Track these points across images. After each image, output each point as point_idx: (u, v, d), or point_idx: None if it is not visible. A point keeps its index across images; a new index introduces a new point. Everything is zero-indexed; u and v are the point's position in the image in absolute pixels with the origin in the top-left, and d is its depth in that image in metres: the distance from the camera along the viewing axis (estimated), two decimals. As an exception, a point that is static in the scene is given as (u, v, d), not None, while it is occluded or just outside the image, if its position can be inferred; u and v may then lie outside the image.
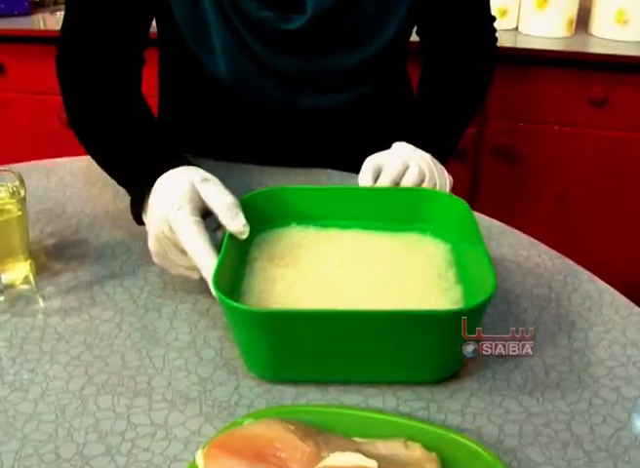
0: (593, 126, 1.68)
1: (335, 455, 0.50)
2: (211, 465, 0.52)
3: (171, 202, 0.70)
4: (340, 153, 1.05)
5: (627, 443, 0.58)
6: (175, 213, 0.68)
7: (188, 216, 0.68)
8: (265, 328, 0.59)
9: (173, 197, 0.70)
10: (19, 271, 0.78)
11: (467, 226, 0.71)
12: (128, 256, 0.84)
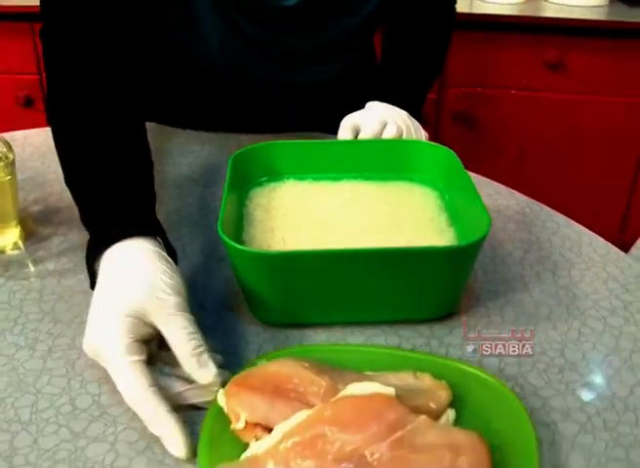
0: (548, 89, 1.73)
1: (352, 386, 0.53)
2: (233, 402, 0.53)
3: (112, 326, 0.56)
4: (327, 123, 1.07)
5: (617, 365, 0.62)
6: (110, 345, 0.55)
7: (125, 356, 0.54)
8: (271, 270, 0.61)
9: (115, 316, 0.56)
10: (9, 237, 0.78)
11: (455, 173, 0.73)
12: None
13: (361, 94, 1.04)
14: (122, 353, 0.54)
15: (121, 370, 0.53)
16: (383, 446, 0.49)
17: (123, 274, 0.59)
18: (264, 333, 0.66)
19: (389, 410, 0.50)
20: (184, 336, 0.55)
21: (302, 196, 0.76)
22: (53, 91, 0.74)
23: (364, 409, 0.50)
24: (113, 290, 0.58)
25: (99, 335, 0.56)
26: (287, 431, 0.50)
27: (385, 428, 0.49)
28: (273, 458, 0.49)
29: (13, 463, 0.53)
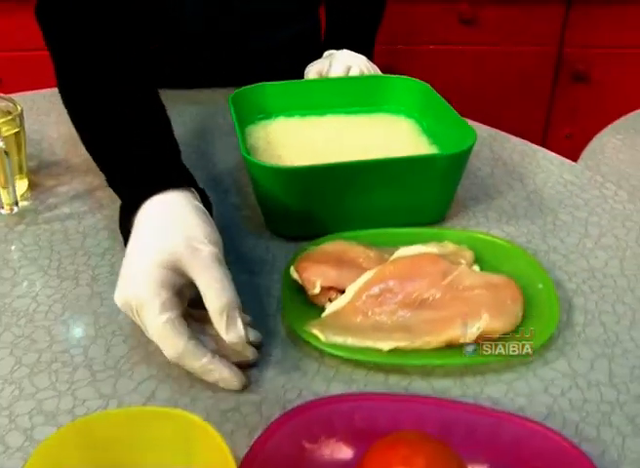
0: (464, 42, 1.87)
1: (401, 250, 0.63)
2: (306, 274, 0.63)
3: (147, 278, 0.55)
4: None
5: (590, 245, 0.74)
6: (145, 298, 0.54)
7: (161, 312, 0.53)
8: (291, 183, 0.69)
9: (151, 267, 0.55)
10: (19, 188, 0.82)
11: (431, 101, 0.83)
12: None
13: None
14: (159, 310, 0.53)
15: (159, 328, 0.53)
16: (438, 289, 0.59)
17: (157, 226, 0.58)
18: (288, 245, 0.73)
19: (437, 263, 0.61)
20: (218, 291, 0.54)
21: (295, 130, 0.84)
22: (61, 64, 0.77)
23: (417, 264, 0.62)
24: (147, 241, 0.57)
25: (133, 290, 0.55)
26: (358, 289, 0.59)
27: (437, 276, 0.60)
28: (352, 312, 0.58)
29: (93, 369, 0.59)
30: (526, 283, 0.64)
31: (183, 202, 0.60)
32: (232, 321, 0.53)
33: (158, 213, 0.59)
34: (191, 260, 0.55)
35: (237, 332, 0.53)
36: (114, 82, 0.72)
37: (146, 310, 0.53)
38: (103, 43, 0.75)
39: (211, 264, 0.55)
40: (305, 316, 0.60)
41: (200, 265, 0.54)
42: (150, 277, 0.54)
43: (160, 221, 0.58)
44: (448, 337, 0.58)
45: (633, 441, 0.52)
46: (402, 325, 0.60)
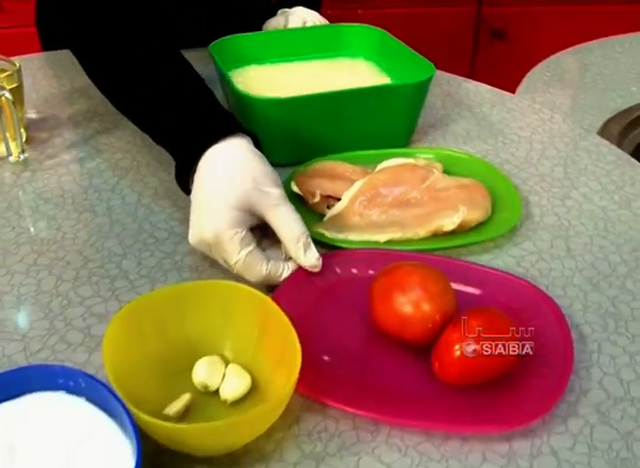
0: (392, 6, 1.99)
1: (385, 162, 0.74)
2: (305, 186, 0.73)
3: (223, 218, 0.61)
4: None
5: (537, 157, 0.87)
6: (225, 237, 0.61)
7: (242, 247, 0.61)
8: (279, 114, 0.79)
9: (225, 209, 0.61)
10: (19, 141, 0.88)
11: (388, 44, 0.94)
12: (102, 118, 0.96)
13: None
14: (240, 246, 0.60)
15: (243, 260, 0.60)
16: (419, 192, 0.70)
17: (225, 171, 0.63)
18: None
19: (416, 171, 0.73)
20: (292, 223, 0.61)
21: (268, 76, 0.93)
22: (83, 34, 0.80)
23: (400, 172, 0.73)
24: (218, 186, 0.62)
25: (211, 229, 0.61)
26: (352, 195, 0.70)
27: (417, 181, 0.71)
28: (350, 214, 0.68)
29: (130, 278, 0.68)
30: (490, 185, 0.75)
31: (242, 148, 0.65)
32: (307, 246, 0.61)
33: (220, 161, 0.64)
34: (262, 202, 0.61)
35: (314, 255, 0.61)
36: (141, 46, 0.75)
37: (227, 246, 0.60)
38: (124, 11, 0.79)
39: (280, 203, 0.62)
40: (308, 222, 0.70)
41: (271, 205, 0.61)
42: (227, 217, 0.60)
43: (225, 168, 0.63)
44: (434, 227, 0.69)
45: (592, 295, 0.65)
46: (393, 221, 0.70)
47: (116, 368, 0.48)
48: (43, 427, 0.45)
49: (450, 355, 0.52)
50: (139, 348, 0.52)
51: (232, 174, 0.62)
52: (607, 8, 2.02)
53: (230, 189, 0.61)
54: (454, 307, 0.55)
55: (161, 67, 0.73)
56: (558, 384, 0.53)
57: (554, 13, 2.00)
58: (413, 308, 0.54)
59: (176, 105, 0.70)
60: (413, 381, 0.54)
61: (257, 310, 0.54)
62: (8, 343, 0.60)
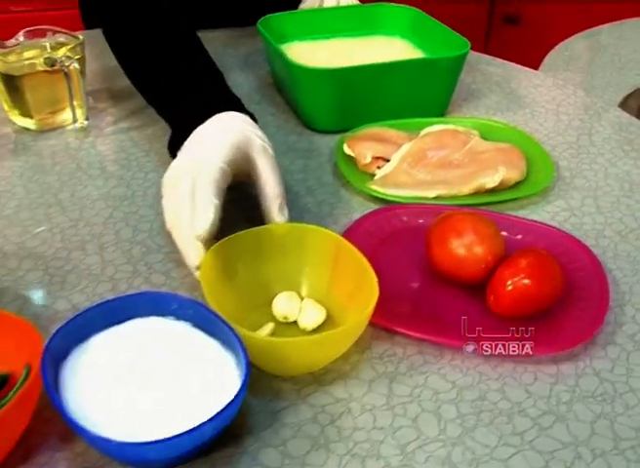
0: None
1: (428, 128, 0.80)
2: (358, 148, 0.80)
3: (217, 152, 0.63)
4: None
5: (564, 127, 0.94)
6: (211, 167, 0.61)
7: (218, 163, 0.61)
8: (329, 83, 0.85)
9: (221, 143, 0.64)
10: (83, 110, 0.94)
11: (422, 22, 1.01)
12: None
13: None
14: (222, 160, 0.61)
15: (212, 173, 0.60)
16: (462, 154, 0.77)
17: (219, 126, 0.66)
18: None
19: (457, 135, 0.79)
20: (278, 180, 0.64)
21: (309, 51, 0.99)
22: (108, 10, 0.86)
23: (443, 137, 0.79)
24: (211, 133, 0.65)
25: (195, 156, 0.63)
26: (401, 157, 0.77)
27: (459, 144, 0.78)
28: (399, 173, 0.75)
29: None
30: (524, 149, 0.82)
31: (238, 120, 0.68)
32: (283, 207, 0.64)
33: (215, 127, 0.66)
34: (259, 150, 0.64)
35: (285, 216, 0.63)
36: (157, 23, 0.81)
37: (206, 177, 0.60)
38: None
39: (273, 160, 0.65)
40: (359, 180, 0.77)
41: (266, 156, 0.64)
42: (218, 149, 0.62)
43: (222, 125, 0.66)
44: (477, 185, 0.76)
45: (622, 245, 0.72)
46: (439, 180, 0.77)
47: (212, 296, 0.54)
48: (156, 347, 0.52)
49: (503, 289, 0.59)
50: (226, 282, 0.58)
51: (230, 129, 0.66)
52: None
53: (229, 129, 0.65)
54: (503, 249, 0.62)
55: (173, 45, 0.78)
56: (597, 316, 0.59)
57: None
58: (467, 250, 0.61)
59: (176, 83, 0.74)
60: (469, 313, 0.61)
61: (329, 249, 0.60)
62: (97, 284, 0.66)
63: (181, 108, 0.72)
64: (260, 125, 0.73)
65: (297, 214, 0.73)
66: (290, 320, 0.59)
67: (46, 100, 0.92)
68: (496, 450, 0.50)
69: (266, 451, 0.50)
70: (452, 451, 0.50)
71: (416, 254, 0.66)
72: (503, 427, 0.52)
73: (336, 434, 0.51)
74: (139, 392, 0.49)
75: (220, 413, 0.45)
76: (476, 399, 0.54)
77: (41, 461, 0.49)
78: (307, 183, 0.80)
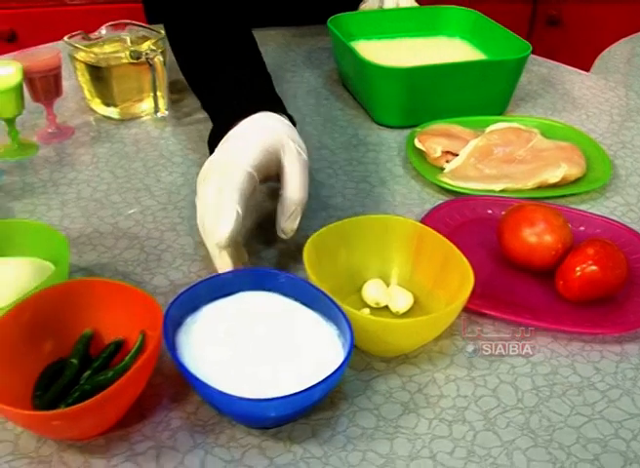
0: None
1: (493, 126, 0.85)
2: (428, 143, 0.86)
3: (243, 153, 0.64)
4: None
5: (617, 127, 0.99)
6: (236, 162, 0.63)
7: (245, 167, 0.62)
8: (400, 81, 0.91)
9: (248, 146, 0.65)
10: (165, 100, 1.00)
11: (482, 24, 1.06)
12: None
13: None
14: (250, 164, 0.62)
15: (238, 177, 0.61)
16: (525, 151, 0.82)
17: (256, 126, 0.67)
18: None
19: (520, 133, 0.85)
20: (303, 186, 0.65)
21: (375, 50, 1.04)
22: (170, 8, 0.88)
23: (507, 134, 0.85)
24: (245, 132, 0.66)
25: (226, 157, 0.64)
26: (469, 152, 0.82)
27: (523, 142, 0.83)
28: (467, 168, 0.81)
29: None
30: (582, 148, 0.87)
31: (276, 121, 0.69)
32: (296, 215, 0.64)
33: (251, 126, 0.67)
34: (293, 157, 0.65)
35: (292, 226, 0.65)
36: (214, 21, 0.82)
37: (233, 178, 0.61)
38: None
39: (305, 166, 0.66)
40: (430, 173, 0.83)
41: (297, 161, 0.65)
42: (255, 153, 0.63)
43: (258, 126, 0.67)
44: (540, 180, 0.81)
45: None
46: (504, 174, 0.83)
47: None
48: (263, 317, 0.58)
49: (572, 275, 0.64)
50: (319, 271, 0.63)
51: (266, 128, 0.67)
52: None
53: (264, 130, 0.66)
54: (571, 238, 0.67)
55: (225, 44, 0.79)
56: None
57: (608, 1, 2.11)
58: (539, 239, 0.67)
59: (224, 80, 0.75)
60: (541, 297, 0.66)
61: (411, 237, 0.66)
62: (191, 262, 0.72)
63: (224, 104, 0.74)
64: (330, 119, 0.79)
65: (373, 203, 0.79)
66: (381, 305, 0.64)
67: (130, 91, 0.98)
68: (569, 419, 0.56)
69: (362, 414, 0.56)
70: (529, 418, 0.56)
71: (486, 242, 0.71)
72: (575, 398, 0.57)
73: (423, 400, 0.57)
74: (249, 357, 0.54)
75: (329, 377, 0.50)
76: (549, 373, 0.60)
77: (156, 420, 0.55)
78: (380, 175, 0.85)
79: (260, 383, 0.52)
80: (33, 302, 0.56)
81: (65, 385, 0.55)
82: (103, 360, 0.57)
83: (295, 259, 0.71)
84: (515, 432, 0.54)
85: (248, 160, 0.62)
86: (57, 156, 0.91)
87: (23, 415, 0.50)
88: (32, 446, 0.53)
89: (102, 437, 0.53)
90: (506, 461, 0.52)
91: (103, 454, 0.52)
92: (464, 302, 0.58)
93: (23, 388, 0.54)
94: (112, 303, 0.58)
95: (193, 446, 0.53)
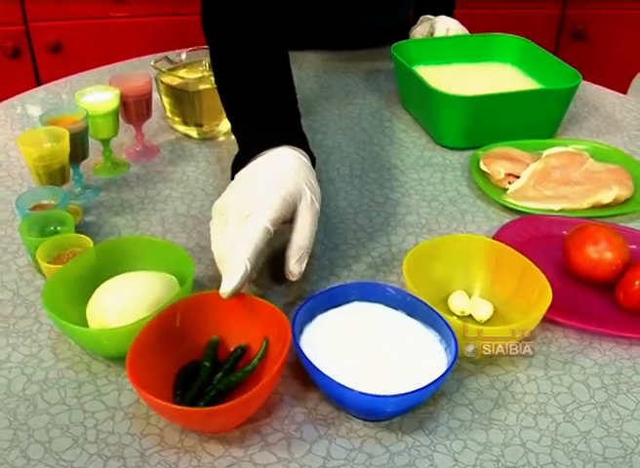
0: (484, 7, 2.19)
1: (550, 150, 0.95)
2: (492, 166, 0.96)
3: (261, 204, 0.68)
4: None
5: None
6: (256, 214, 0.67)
7: (264, 222, 0.67)
8: (464, 107, 1.01)
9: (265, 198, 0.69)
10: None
11: (531, 52, 1.16)
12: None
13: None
14: (269, 219, 0.66)
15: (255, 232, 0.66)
16: (580, 174, 0.92)
17: (277, 165, 0.71)
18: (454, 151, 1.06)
19: (575, 158, 0.94)
20: (311, 233, 0.70)
21: (431, 75, 1.12)
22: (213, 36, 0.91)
23: (563, 158, 0.94)
24: (266, 171, 0.71)
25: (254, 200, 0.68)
26: (530, 174, 0.92)
27: (578, 165, 0.94)
28: (528, 189, 0.91)
29: (368, 231, 0.91)
30: (629, 169, 0.97)
31: (297, 156, 0.74)
32: (303, 259, 0.70)
33: (275, 164, 0.72)
34: (307, 208, 0.70)
35: (300, 268, 0.70)
36: (254, 51, 0.85)
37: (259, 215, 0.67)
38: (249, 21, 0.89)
39: (316, 214, 0.71)
40: (494, 193, 0.93)
41: (310, 210, 0.70)
42: (276, 203, 0.68)
43: (279, 168, 0.71)
44: (595, 200, 0.91)
45: None
46: (561, 195, 0.93)
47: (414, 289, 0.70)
48: (374, 324, 0.68)
49: (632, 288, 0.74)
50: (416, 282, 0.73)
51: (290, 163, 0.72)
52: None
53: (285, 175, 0.70)
54: (630, 255, 0.77)
55: (258, 75, 0.83)
56: None
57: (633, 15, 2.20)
58: (601, 255, 0.76)
59: (256, 110, 0.81)
60: (603, 307, 0.76)
61: (491, 254, 0.75)
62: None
63: (250, 131, 0.79)
64: (395, 140, 0.93)
65: (446, 220, 0.90)
66: (465, 314, 0.74)
67: (213, 112, 1.08)
68: (635, 412, 0.66)
69: (459, 409, 0.66)
70: (601, 412, 0.66)
71: (550, 257, 0.81)
72: (639, 395, 0.67)
73: (510, 397, 0.67)
74: (364, 358, 0.64)
75: (439, 377, 0.60)
76: (614, 373, 0.70)
77: (282, 414, 0.65)
78: (449, 194, 0.95)
79: (376, 382, 0.61)
80: (172, 312, 0.66)
81: (201, 385, 0.64)
82: (232, 363, 0.66)
83: (380, 272, 0.82)
84: (590, 424, 0.64)
85: (267, 215, 0.67)
86: (147, 174, 1.00)
87: (185, 412, 0.59)
88: (177, 438, 0.62)
89: (237, 430, 0.63)
90: (585, 448, 0.62)
91: (240, 445, 0.61)
92: (544, 312, 0.67)
93: (163, 387, 0.63)
94: (236, 312, 0.68)
95: (318, 436, 0.62)
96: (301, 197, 0.70)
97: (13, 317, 0.74)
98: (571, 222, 0.85)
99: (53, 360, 0.69)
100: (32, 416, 0.63)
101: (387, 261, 0.82)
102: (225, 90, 0.87)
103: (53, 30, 2.03)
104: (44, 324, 0.73)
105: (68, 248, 0.77)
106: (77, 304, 0.70)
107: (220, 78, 0.88)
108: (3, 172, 1.00)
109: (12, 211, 0.91)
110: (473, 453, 0.61)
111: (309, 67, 1.35)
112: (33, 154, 0.84)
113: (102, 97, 0.97)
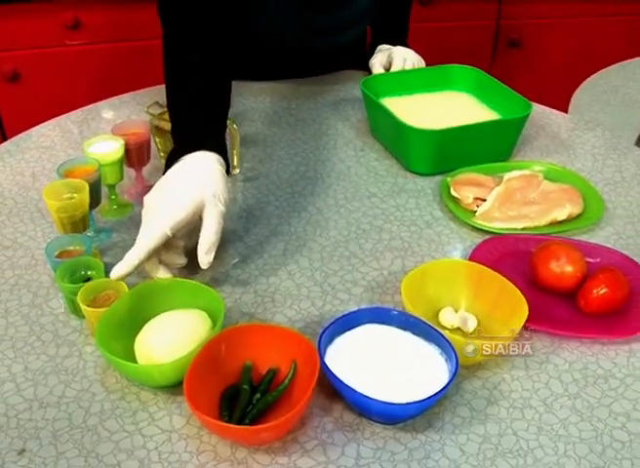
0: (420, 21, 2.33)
1: (510, 173, 1.09)
2: (461, 191, 1.07)
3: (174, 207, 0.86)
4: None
5: (612, 162, 1.25)
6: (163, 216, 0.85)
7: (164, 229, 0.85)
8: (434, 141, 1.14)
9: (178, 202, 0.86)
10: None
11: (484, 81, 1.30)
12: (273, 137, 1.32)
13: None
14: (170, 226, 0.84)
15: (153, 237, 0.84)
16: (537, 194, 1.06)
17: (193, 178, 0.88)
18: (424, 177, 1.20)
19: (532, 180, 1.08)
20: (213, 229, 0.86)
21: (396, 106, 1.25)
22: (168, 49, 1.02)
23: (522, 181, 1.08)
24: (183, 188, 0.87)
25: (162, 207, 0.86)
26: (494, 197, 1.05)
27: (534, 186, 1.08)
28: (493, 210, 1.04)
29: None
30: (578, 187, 1.13)
31: (211, 161, 0.90)
32: (211, 251, 0.86)
33: (193, 164, 0.89)
34: (211, 210, 0.86)
35: (209, 259, 0.86)
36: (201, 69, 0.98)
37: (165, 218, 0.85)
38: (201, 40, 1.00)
39: (220, 214, 0.87)
40: (464, 216, 1.06)
41: (215, 215, 0.86)
42: (177, 211, 0.85)
43: (194, 173, 0.88)
44: (551, 218, 1.05)
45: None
46: (523, 214, 1.07)
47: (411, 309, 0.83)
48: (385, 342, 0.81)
49: (591, 295, 0.89)
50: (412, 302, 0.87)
51: (200, 182, 0.87)
52: (608, 19, 2.41)
53: (195, 185, 0.87)
54: (587, 267, 0.92)
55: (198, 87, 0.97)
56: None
57: (562, 23, 2.39)
58: (563, 269, 0.91)
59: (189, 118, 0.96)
60: (567, 312, 0.91)
61: (473, 274, 0.89)
62: (299, 301, 0.94)
63: (184, 134, 0.95)
64: (370, 169, 1.15)
65: (425, 242, 1.03)
66: (454, 327, 0.88)
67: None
68: (601, 400, 0.80)
69: (460, 408, 0.79)
70: (575, 402, 0.80)
71: (519, 271, 0.94)
72: (602, 385, 0.81)
73: (499, 395, 0.80)
74: (380, 372, 0.76)
75: (446, 385, 0.74)
76: (581, 368, 0.84)
77: (314, 424, 0.76)
78: (424, 218, 1.09)
79: (391, 391, 0.74)
80: (217, 342, 0.77)
81: (243, 406, 0.75)
82: (266, 384, 0.77)
83: (376, 293, 0.93)
84: (567, 412, 0.78)
85: (168, 222, 0.84)
86: (150, 212, 1.10)
87: (240, 430, 0.71)
88: (228, 452, 0.72)
89: (278, 441, 0.73)
90: (565, 432, 0.76)
91: (284, 453, 0.72)
92: (522, 324, 0.81)
93: (211, 409, 0.73)
94: (266, 340, 0.79)
95: (347, 440, 0.74)
96: (205, 203, 0.86)
97: (58, 356, 0.83)
98: (533, 239, 0.99)
99: (104, 392, 0.79)
100: (98, 444, 0.73)
101: (381, 284, 0.94)
102: (169, 77, 1.00)
103: (9, 60, 2.07)
104: (88, 361, 0.83)
105: (102, 291, 0.86)
106: (121, 341, 0.80)
107: (167, 63, 1.01)
108: (14, 217, 1.07)
109: (32, 256, 0.99)
110: (476, 444, 0.74)
111: (280, 100, 1.46)
112: (55, 206, 0.93)
113: (108, 146, 1.06)
